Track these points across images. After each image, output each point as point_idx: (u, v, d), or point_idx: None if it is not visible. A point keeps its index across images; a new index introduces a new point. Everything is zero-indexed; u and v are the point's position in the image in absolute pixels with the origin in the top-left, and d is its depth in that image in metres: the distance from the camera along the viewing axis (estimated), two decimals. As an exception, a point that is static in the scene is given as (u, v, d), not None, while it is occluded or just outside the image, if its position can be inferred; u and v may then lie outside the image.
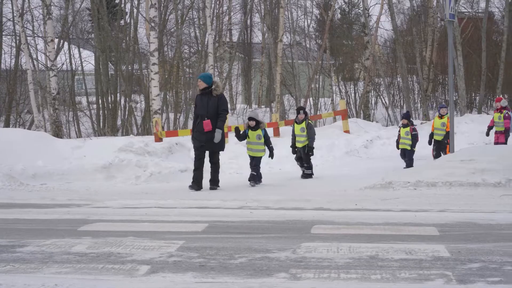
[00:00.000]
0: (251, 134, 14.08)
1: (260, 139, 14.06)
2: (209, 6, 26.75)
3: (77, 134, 29.32)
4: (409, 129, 16.36)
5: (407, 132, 16.36)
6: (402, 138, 16.43)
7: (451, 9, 14.70)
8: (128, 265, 6.32)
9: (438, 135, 16.84)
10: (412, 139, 16.26)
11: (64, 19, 30.57)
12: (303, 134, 15.10)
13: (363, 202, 10.58)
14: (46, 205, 10.78)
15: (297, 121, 15.34)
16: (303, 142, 15.15)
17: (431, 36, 31.99)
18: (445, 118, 16.76)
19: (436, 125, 16.95)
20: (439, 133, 16.81)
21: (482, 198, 10.81)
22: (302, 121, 15.19)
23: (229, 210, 10.02)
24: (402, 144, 16.46)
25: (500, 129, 17.53)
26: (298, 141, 15.21)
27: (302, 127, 15.15)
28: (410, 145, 16.25)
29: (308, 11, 39.36)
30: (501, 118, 17.48)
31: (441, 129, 16.75)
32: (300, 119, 15.27)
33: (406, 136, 16.34)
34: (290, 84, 34.15)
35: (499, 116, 17.54)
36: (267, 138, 14.17)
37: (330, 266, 6.23)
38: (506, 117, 17.35)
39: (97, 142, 17.38)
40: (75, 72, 33.01)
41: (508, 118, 17.31)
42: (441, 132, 16.71)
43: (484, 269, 6.06)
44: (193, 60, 34.63)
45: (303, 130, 15.11)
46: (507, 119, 17.33)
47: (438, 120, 17.00)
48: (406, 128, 16.46)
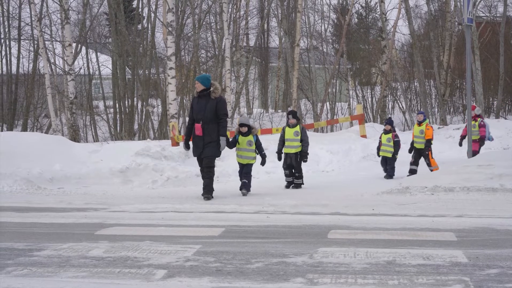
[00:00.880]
0: (241, 140, 13.35)
1: (251, 146, 13.33)
2: (226, 11, 26.78)
3: (94, 138, 29.46)
4: (391, 136, 15.91)
5: (389, 138, 15.91)
6: (384, 145, 15.94)
7: (469, 13, 14.66)
8: (144, 270, 6.33)
9: (417, 143, 16.10)
10: (394, 146, 15.78)
11: (82, 23, 30.76)
12: (297, 138, 14.17)
13: (380, 207, 10.54)
14: (63, 209, 10.82)
15: (289, 125, 14.35)
16: (296, 147, 14.21)
17: (448, 41, 31.88)
18: (424, 125, 16.12)
19: (415, 133, 16.24)
20: (418, 141, 16.08)
21: (500, 204, 10.74)
22: (295, 125, 14.31)
23: (245, 215, 10.01)
24: (383, 151, 15.94)
25: (474, 138, 16.64)
26: (290, 147, 14.23)
27: (296, 130, 14.22)
28: (391, 153, 15.77)
29: (325, 15, 39.36)
30: (476, 127, 16.83)
31: (420, 137, 16.03)
32: (291, 123, 14.32)
33: (387, 143, 15.88)
34: (307, 88, 34.10)
35: (474, 124, 16.74)
36: (259, 144, 13.45)
37: (347, 271, 6.20)
38: (482, 125, 16.79)
39: (114, 146, 17.45)
40: (93, 76, 33.18)
41: (483, 126, 16.75)
42: (421, 140, 15.99)
43: (502, 275, 6.02)
44: (210, 64, 34.70)
45: (297, 134, 14.19)
46: (482, 127, 16.75)
47: (416, 127, 16.28)
48: (388, 134, 16.00)
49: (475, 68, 27.28)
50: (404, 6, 29.84)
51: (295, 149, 14.16)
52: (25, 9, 32.51)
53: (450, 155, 16.86)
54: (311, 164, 17.50)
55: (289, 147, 14.20)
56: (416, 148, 16.08)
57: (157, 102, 33.09)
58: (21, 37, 32.61)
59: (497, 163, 12.58)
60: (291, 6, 35.45)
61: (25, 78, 32.32)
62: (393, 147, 15.81)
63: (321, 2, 45.85)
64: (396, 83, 35.24)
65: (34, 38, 31.14)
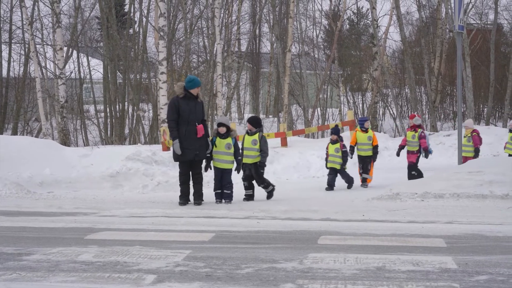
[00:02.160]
0: (219, 142, 12.42)
1: (229, 149, 12.42)
2: (218, 16, 26.81)
3: (84, 142, 29.41)
4: (339, 146, 15.00)
5: (337, 149, 14.97)
6: (332, 155, 14.98)
7: (460, 21, 14.71)
8: (134, 274, 6.31)
9: (364, 150, 15.47)
10: (342, 156, 14.93)
11: (73, 27, 30.72)
12: (255, 147, 12.83)
13: (370, 213, 10.55)
14: (53, 213, 10.79)
15: (249, 132, 13.08)
16: (253, 157, 12.89)
17: (439, 47, 32.03)
18: (370, 131, 15.69)
19: (362, 140, 15.50)
20: (365, 148, 15.46)
21: (489, 210, 10.78)
22: (254, 133, 12.97)
23: (236, 220, 10.00)
24: (331, 162, 14.98)
25: (412, 149, 15.63)
26: (247, 156, 12.86)
27: (254, 139, 12.89)
28: (340, 164, 14.92)
29: (317, 21, 39.49)
30: (415, 137, 15.58)
31: (367, 144, 15.44)
32: (252, 130, 13.03)
33: (336, 153, 14.96)
34: (298, 94, 34.19)
35: (413, 135, 15.66)
36: (236, 149, 12.54)
37: (337, 277, 6.20)
38: (422, 136, 15.56)
39: (104, 150, 17.42)
40: (84, 80, 33.15)
41: (423, 137, 15.55)
42: (368, 147, 15.43)
43: (491, 281, 6.03)
44: (201, 69, 34.71)
45: (255, 143, 12.84)
46: (422, 139, 15.54)
47: (362, 134, 15.55)
48: (335, 144, 15.02)
49: (465, 75, 27.41)
50: (396, 12, 29.96)
51: (252, 159, 12.88)
52: (16, 12, 32.52)
53: (440, 161, 16.90)
54: (302, 170, 17.56)
55: (246, 157, 12.86)
56: (362, 156, 15.48)
57: (148, 106, 33.06)
58: (12, 41, 32.51)
59: (487, 170, 12.62)
60: (283, 11, 35.58)
61: (16, 81, 32.24)
62: (341, 157, 14.93)
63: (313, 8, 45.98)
64: (387, 89, 35.41)
65: (25, 41, 31.07)
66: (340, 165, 14.92)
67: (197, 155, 12.06)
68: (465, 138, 16.48)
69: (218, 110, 26.23)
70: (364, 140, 15.49)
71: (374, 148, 15.49)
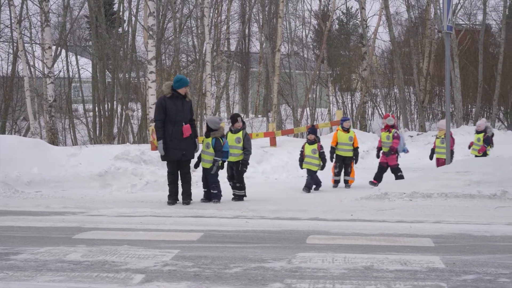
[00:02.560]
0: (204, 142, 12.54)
1: (208, 148, 12.40)
2: (208, 15, 26.78)
3: (73, 141, 29.31)
4: (317, 147, 14.41)
5: (314, 150, 14.40)
6: (308, 156, 14.44)
7: (448, 21, 14.75)
8: (122, 274, 6.30)
9: (345, 150, 15.24)
10: (321, 158, 14.42)
11: (62, 26, 30.61)
12: (238, 145, 12.74)
13: (358, 213, 10.57)
14: (41, 213, 10.76)
15: (232, 130, 12.94)
16: (236, 155, 12.76)
17: (428, 48, 32.12)
18: (352, 132, 15.40)
19: (342, 140, 15.24)
20: (346, 148, 15.23)
21: (477, 210, 10.82)
22: (238, 131, 12.89)
23: (224, 220, 10.00)
24: (307, 164, 14.46)
25: (386, 150, 15.41)
26: (231, 154, 12.71)
27: (237, 137, 12.80)
28: (318, 166, 14.40)
29: (306, 21, 39.50)
30: (390, 138, 15.33)
31: (348, 144, 15.21)
32: (237, 127, 12.89)
33: (313, 154, 14.39)
34: (287, 94, 34.20)
35: (387, 135, 15.41)
36: (217, 149, 12.34)
37: (325, 276, 6.21)
38: (395, 136, 15.30)
39: (93, 150, 17.36)
40: (72, 79, 33.01)
41: (397, 138, 15.32)
42: (348, 148, 15.20)
43: (478, 281, 6.06)
44: (190, 68, 34.67)
45: (239, 141, 12.77)
46: (396, 139, 15.30)
47: (343, 134, 15.29)
48: (313, 145, 14.47)
49: (454, 76, 27.50)
50: (385, 13, 30.03)
51: (236, 157, 12.75)
52: (4, 11, 32.26)
53: (428, 161, 16.90)
54: (291, 169, 17.55)
55: (230, 155, 12.71)
56: (339, 155, 15.23)
57: (137, 106, 33.00)
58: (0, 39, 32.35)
59: (475, 170, 12.67)
60: (272, 11, 35.61)
61: (4, 80, 32.05)
62: (320, 160, 14.41)
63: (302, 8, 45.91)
64: (376, 89, 35.50)
65: (13, 40, 30.91)
66: (318, 166, 14.40)
67: (184, 155, 12.03)
68: (438, 139, 16.09)
69: (207, 110, 26.20)
70: (345, 140, 15.24)
71: (354, 149, 15.29)
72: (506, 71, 32.69)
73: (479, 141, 16.68)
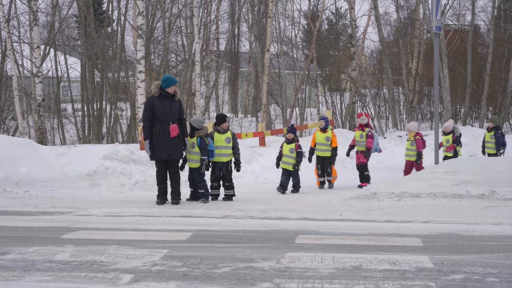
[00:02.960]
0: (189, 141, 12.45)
1: (193, 148, 12.38)
2: (197, 15, 26.77)
3: (61, 141, 29.21)
4: (295, 146, 14.31)
5: (291, 149, 14.31)
6: (286, 156, 14.37)
7: (437, 22, 14.81)
8: (111, 274, 6.29)
9: (322, 150, 15.02)
10: (297, 157, 14.28)
11: (50, 25, 30.49)
12: (228, 145, 12.78)
13: (347, 212, 10.59)
14: (29, 213, 10.71)
15: (220, 131, 12.91)
16: (227, 156, 12.82)
17: (417, 48, 32.21)
18: (329, 132, 15.08)
19: (319, 140, 15.06)
20: (323, 148, 15.01)
21: (465, 210, 10.86)
22: (226, 131, 12.92)
23: (213, 219, 9.99)
24: (284, 163, 14.37)
25: (361, 149, 15.37)
26: (221, 155, 12.74)
27: (227, 137, 12.84)
28: (293, 165, 14.29)
29: (296, 21, 39.49)
30: (363, 137, 15.31)
31: (325, 144, 15.00)
32: (224, 128, 12.90)
33: (290, 153, 14.31)
34: (277, 93, 34.23)
35: (361, 134, 15.39)
36: (202, 148, 12.35)
37: (314, 276, 6.22)
38: (369, 135, 15.27)
39: (81, 149, 17.30)
40: (61, 79, 32.91)
41: (371, 137, 15.27)
42: (325, 148, 14.99)
43: (467, 280, 6.08)
44: (179, 68, 34.63)
45: (229, 141, 12.81)
46: (370, 138, 15.26)
47: (320, 134, 15.10)
48: (291, 144, 14.36)
49: (443, 76, 27.58)
50: (374, 13, 30.08)
51: (226, 157, 12.80)
52: (-7, 10, 32.10)
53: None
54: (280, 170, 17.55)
55: (220, 155, 12.74)
56: (319, 156, 15.08)
57: (126, 105, 32.93)
58: (-12, 38, 32.20)
59: (463, 170, 12.73)
60: (261, 11, 35.61)
61: (-8, 79, 31.93)
62: (296, 158, 14.31)
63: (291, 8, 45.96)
64: (365, 89, 35.54)
65: (1, 39, 30.78)
66: (293, 165, 14.27)
67: (171, 154, 12.00)
68: (408, 141, 15.96)
69: (196, 110, 26.19)
70: (321, 140, 15.04)
71: (332, 150, 15.03)
72: (494, 72, 32.81)
73: (448, 143, 16.65)
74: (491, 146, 17.71)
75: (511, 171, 12.42)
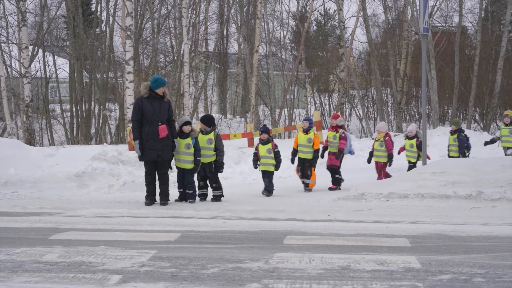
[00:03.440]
0: (179, 142, 12.43)
1: (189, 149, 12.40)
2: (186, 16, 26.74)
3: (50, 142, 29.11)
4: (271, 146, 14.05)
5: (269, 149, 13.99)
6: (264, 157, 13.99)
7: (425, 23, 14.87)
8: (99, 275, 6.28)
9: (304, 152, 14.55)
10: (275, 157, 13.99)
11: (39, 26, 30.40)
12: (210, 146, 12.78)
13: (336, 213, 10.62)
14: (17, 213, 10.69)
15: (203, 131, 12.97)
16: (209, 157, 12.80)
17: (405, 49, 32.31)
18: (312, 133, 14.65)
19: (301, 141, 14.59)
20: (305, 150, 14.54)
21: (453, 210, 10.91)
22: (209, 132, 12.93)
23: (202, 220, 10.00)
24: (264, 165, 14.02)
25: (334, 150, 15.02)
26: (203, 156, 12.69)
27: (209, 138, 12.84)
28: (274, 165, 13.99)
29: (284, 22, 39.62)
30: (336, 138, 14.99)
31: (307, 146, 14.52)
32: (207, 129, 12.97)
33: (268, 154, 13.98)
34: (265, 94, 34.27)
35: (334, 135, 15.07)
36: (197, 149, 12.46)
37: (302, 276, 6.24)
38: (343, 137, 14.95)
39: (70, 150, 17.25)
40: (49, 79, 32.81)
41: (344, 138, 14.96)
42: (307, 150, 14.53)
43: (454, 280, 6.12)
44: (168, 69, 34.60)
45: (210, 142, 12.81)
46: (343, 139, 14.94)
47: (303, 135, 14.63)
48: (267, 145, 14.05)
49: (430, 77, 27.69)
50: (362, 14, 30.18)
51: (209, 158, 12.80)
52: (-20, 10, 31.98)
53: (405, 162, 16.99)
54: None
55: (203, 156, 12.69)
56: (302, 158, 14.62)
57: (114, 106, 32.85)
58: (-24, 39, 32.07)
59: (451, 170, 12.78)
60: (250, 12, 35.61)
61: (-20, 80, 31.75)
62: (274, 159, 13.98)
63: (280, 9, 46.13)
64: (353, 90, 35.65)
65: (-11, 40, 30.67)
66: (275, 166, 14.00)
67: (159, 155, 12.02)
68: (377, 142, 15.74)
69: (185, 110, 26.17)
70: (303, 141, 14.61)
71: (314, 152, 14.59)
72: (482, 73, 32.96)
73: (412, 147, 16.15)
74: (454, 149, 17.13)
75: (498, 172, 12.49)
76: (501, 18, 36.68)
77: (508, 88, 34.42)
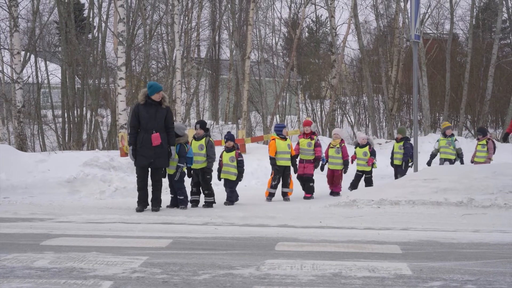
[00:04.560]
0: None
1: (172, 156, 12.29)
2: (178, 22, 26.76)
3: (41, 147, 29.01)
4: (235, 154, 13.52)
5: (232, 157, 13.48)
6: (226, 165, 13.49)
7: (416, 30, 14.93)
8: (90, 281, 6.28)
9: (285, 159, 14.28)
10: (239, 167, 13.47)
11: (31, 31, 30.34)
12: (201, 152, 12.78)
13: (327, 220, 10.64)
14: (9, 219, 10.66)
15: (196, 137, 12.99)
16: (200, 163, 12.81)
17: (396, 56, 32.40)
18: (288, 139, 14.43)
19: (282, 148, 14.23)
20: (286, 157, 14.28)
21: (444, 217, 10.94)
22: (201, 138, 12.94)
23: (193, 226, 10.00)
24: (225, 173, 13.54)
25: (307, 158, 14.73)
26: (195, 162, 12.74)
27: (200, 144, 12.85)
28: (236, 175, 13.48)
29: (276, 29, 39.61)
30: (311, 145, 14.67)
31: (287, 152, 14.23)
32: (199, 134, 12.96)
33: (231, 162, 13.47)
34: (257, 101, 34.26)
35: (309, 142, 14.72)
36: (181, 155, 12.39)
37: (293, 283, 6.25)
38: (318, 144, 14.69)
39: (62, 156, 17.23)
40: (41, 85, 32.72)
41: (319, 145, 14.73)
42: (288, 156, 14.28)
43: (445, 287, 6.13)
44: (160, 75, 34.57)
45: (201, 148, 12.81)
46: (319, 147, 14.71)
47: (281, 142, 14.28)
48: (231, 152, 13.53)
49: (422, 84, 27.79)
50: (354, 21, 30.25)
51: (199, 164, 12.81)
52: (-28, 15, 31.90)
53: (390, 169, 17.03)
54: (260, 176, 17.63)
55: (194, 162, 12.75)
56: (283, 166, 14.28)
57: (106, 112, 32.79)
58: (-32, 44, 31.99)
59: (442, 177, 12.82)
60: (242, 19, 35.65)
61: (-28, 85, 31.71)
62: (237, 168, 13.51)
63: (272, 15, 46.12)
64: (345, 97, 35.70)
65: (-19, 45, 30.61)
66: (236, 176, 13.50)
67: (152, 163, 12.06)
68: (332, 149, 15.46)
69: (177, 117, 26.16)
70: (284, 148, 14.23)
71: (292, 158, 14.34)
72: (473, 80, 33.09)
73: (366, 156, 15.96)
74: (399, 157, 16.90)
75: (489, 179, 12.53)
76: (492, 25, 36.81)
77: (499, 95, 34.59)
